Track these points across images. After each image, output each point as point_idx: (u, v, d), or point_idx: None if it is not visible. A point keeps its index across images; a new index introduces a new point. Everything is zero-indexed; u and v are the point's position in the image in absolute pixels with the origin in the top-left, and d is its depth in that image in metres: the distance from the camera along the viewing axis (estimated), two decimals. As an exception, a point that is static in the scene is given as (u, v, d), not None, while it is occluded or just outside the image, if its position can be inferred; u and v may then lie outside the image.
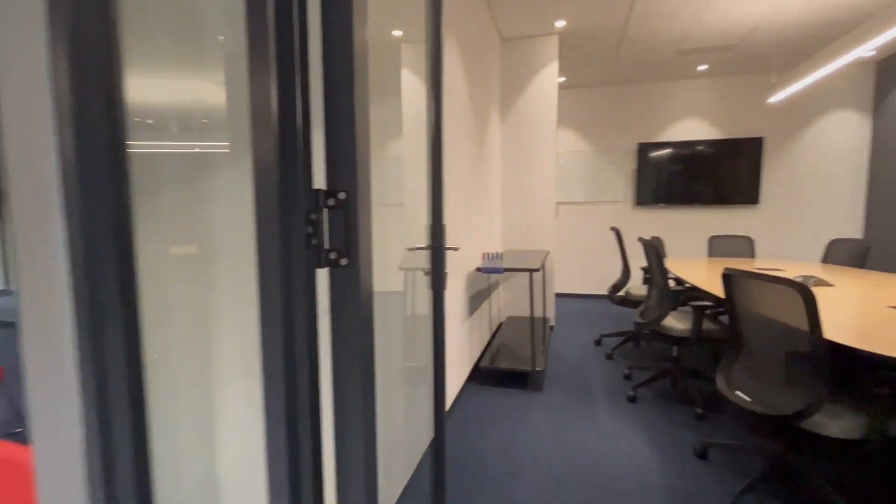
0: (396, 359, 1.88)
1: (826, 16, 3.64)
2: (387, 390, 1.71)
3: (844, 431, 1.50)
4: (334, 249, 0.52)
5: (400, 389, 1.91)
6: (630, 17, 3.65)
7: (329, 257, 0.52)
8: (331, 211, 0.51)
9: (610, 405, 2.60)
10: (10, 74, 0.52)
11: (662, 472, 1.93)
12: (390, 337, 1.77)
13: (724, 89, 5.22)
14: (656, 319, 2.58)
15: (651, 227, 5.56)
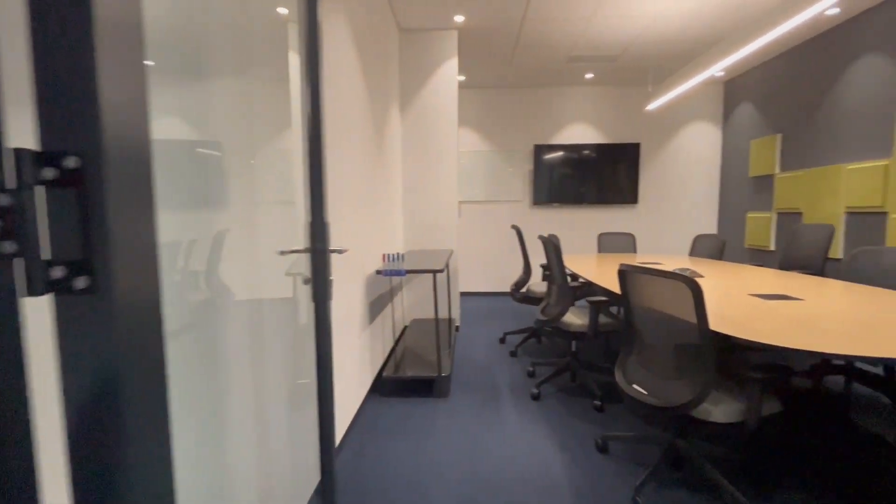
0: (283, 378, 1.59)
1: (692, 34, 4.07)
2: (267, 416, 1.42)
3: (727, 416, 1.58)
4: (62, 261, 0.29)
5: (288, 413, 1.62)
6: (525, 20, 3.71)
7: (49, 276, 0.28)
8: (51, 191, 0.28)
9: (515, 404, 2.56)
10: None
11: (567, 470, 1.91)
12: (273, 352, 1.48)
13: (608, 97, 5.65)
14: (557, 316, 2.60)
15: (547, 225, 5.82)
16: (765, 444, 2.11)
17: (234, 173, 1.26)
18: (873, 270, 2.52)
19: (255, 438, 1.35)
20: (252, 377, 1.34)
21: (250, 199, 1.41)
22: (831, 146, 3.92)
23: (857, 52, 3.66)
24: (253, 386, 1.34)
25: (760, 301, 2.02)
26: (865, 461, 1.95)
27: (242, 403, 1.28)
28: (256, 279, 1.42)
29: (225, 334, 1.20)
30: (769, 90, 4.74)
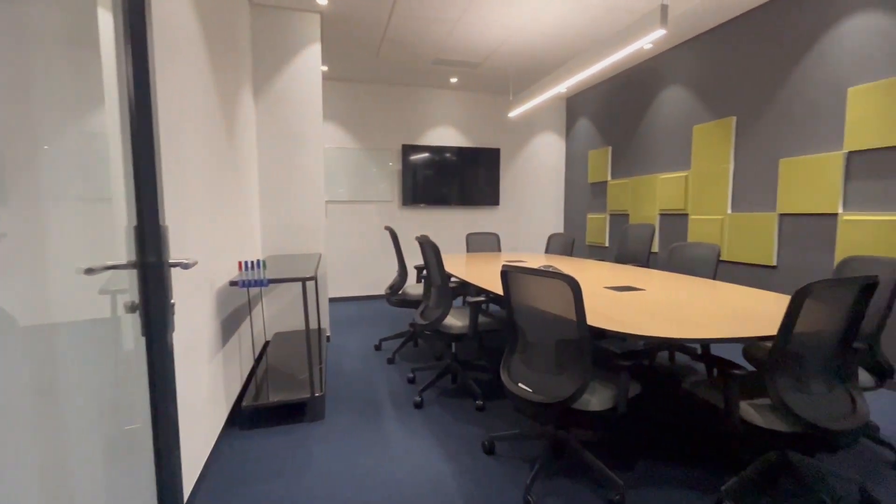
0: (98, 424, 1.16)
1: (549, 50, 4.45)
2: (72, 479, 1.01)
3: (602, 403, 1.69)
4: None
5: (107, 471, 1.20)
6: (393, 14, 3.58)
7: None
8: None
9: (398, 416, 2.42)
10: None
11: (457, 477, 1.85)
12: (82, 392, 1.06)
13: (471, 102, 5.88)
14: (438, 319, 2.54)
15: (416, 225, 5.81)
16: (625, 421, 2.36)
17: (9, 162, 0.85)
18: (686, 261, 3.04)
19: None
20: (46, 428, 0.94)
21: (36, 196, 0.98)
22: (649, 159, 4.70)
23: (666, 82, 4.45)
24: (46, 440, 0.94)
25: (615, 293, 2.25)
26: (701, 423, 2.32)
27: (26, 466, 0.88)
28: (52, 298, 1.00)
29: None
30: (601, 108, 5.50)
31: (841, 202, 2.94)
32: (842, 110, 2.94)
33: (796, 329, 1.44)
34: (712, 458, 2.00)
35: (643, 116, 4.76)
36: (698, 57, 4.05)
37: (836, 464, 1.94)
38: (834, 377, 1.59)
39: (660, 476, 1.86)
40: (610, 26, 3.83)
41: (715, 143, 3.87)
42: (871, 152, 2.79)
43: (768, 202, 3.44)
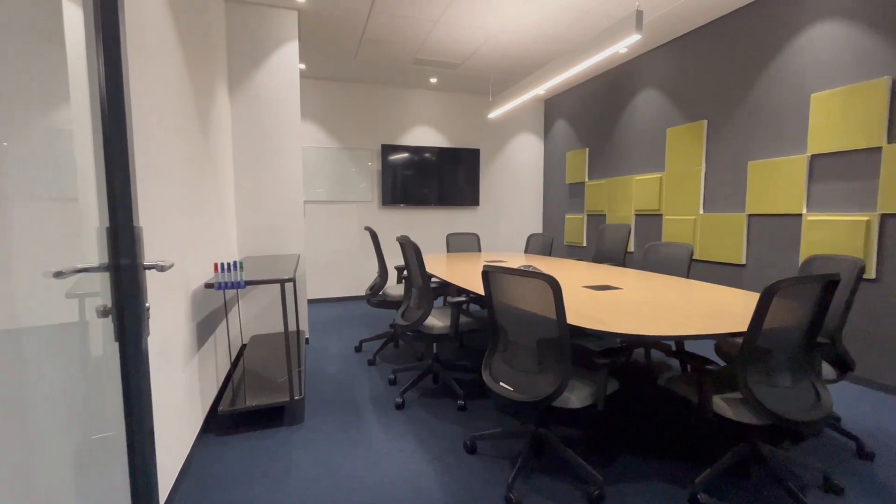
0: (65, 434, 1.12)
1: (529, 52, 4.49)
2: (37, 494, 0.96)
3: (582, 400, 1.72)
4: None
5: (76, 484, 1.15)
6: (372, 11, 3.56)
7: None
8: None
9: (379, 418, 2.41)
10: None
11: (439, 478, 1.85)
12: (47, 399, 1.02)
13: (451, 103, 5.89)
14: (419, 319, 2.54)
15: (396, 226, 5.78)
16: (606, 419, 2.41)
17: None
18: (660, 260, 3.12)
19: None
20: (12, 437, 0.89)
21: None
22: (625, 160, 4.81)
23: (641, 86, 4.55)
24: (12, 450, 0.89)
25: (593, 292, 2.29)
26: (676, 418, 2.39)
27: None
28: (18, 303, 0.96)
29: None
30: (578, 110, 5.59)
31: (805, 203, 3.07)
32: (805, 115, 3.07)
33: (765, 325, 1.50)
34: (687, 451, 2.06)
35: (619, 118, 4.86)
36: (671, 61, 4.17)
37: (802, 454, 2.02)
38: (799, 371, 1.66)
39: (637, 470, 1.91)
40: (588, 30, 3.90)
41: (687, 145, 3.99)
42: (833, 156, 2.93)
43: (738, 203, 3.57)
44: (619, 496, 1.74)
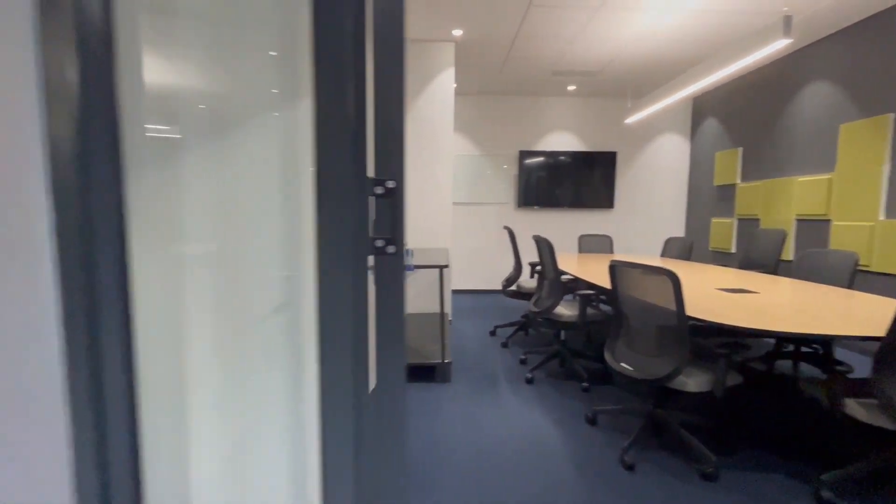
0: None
1: (668, 55, 4.48)
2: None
3: (699, 386, 1.91)
4: (380, 237, 0.53)
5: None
6: (517, 36, 4.02)
7: (375, 245, 0.52)
8: (378, 199, 0.52)
9: (511, 388, 2.85)
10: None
11: (561, 439, 2.20)
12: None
13: (588, 108, 6.04)
14: (549, 308, 2.90)
15: (531, 226, 6.16)
16: (729, 411, 2.47)
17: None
18: (818, 269, 2.94)
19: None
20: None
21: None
22: (785, 160, 4.41)
23: (807, 78, 4.15)
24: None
25: (724, 294, 2.38)
26: (806, 422, 2.33)
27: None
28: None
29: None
30: (731, 108, 5.24)
31: None
32: None
33: (901, 329, 1.52)
34: (814, 451, 2.05)
35: (780, 115, 4.47)
36: (847, 50, 3.73)
37: (974, 483, 1.85)
38: (954, 383, 1.60)
39: (756, 460, 2.00)
40: (738, 29, 3.75)
41: (866, 142, 3.55)
42: None
43: (931, 208, 3.10)
44: (734, 481, 1.88)
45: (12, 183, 0.42)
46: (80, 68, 0.42)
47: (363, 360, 0.51)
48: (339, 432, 0.51)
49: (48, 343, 0.44)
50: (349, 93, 0.47)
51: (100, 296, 0.46)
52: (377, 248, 0.53)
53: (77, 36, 0.43)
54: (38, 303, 0.44)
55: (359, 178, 0.47)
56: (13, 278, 0.44)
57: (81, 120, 0.43)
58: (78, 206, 0.43)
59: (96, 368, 0.45)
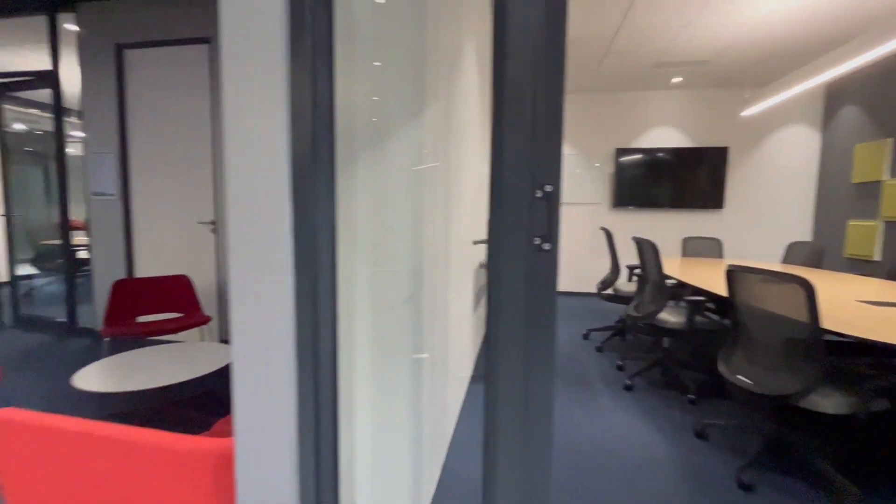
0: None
1: (798, 38, 4.01)
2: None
3: (836, 408, 1.71)
4: (536, 235, 0.59)
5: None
6: (620, 30, 3.86)
7: (533, 242, 0.59)
8: (536, 202, 0.58)
9: (609, 393, 2.77)
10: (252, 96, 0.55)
11: (667, 449, 2.10)
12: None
13: (695, 101, 5.59)
14: (653, 313, 2.77)
15: (628, 227, 5.87)
16: (871, 439, 2.17)
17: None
18: None
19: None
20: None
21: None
22: (952, 152, 3.70)
23: None
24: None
25: (868, 306, 2.09)
26: (982, 470, 1.96)
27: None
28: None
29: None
30: (878, 93, 4.51)
31: None
32: None
33: None
34: None
35: (947, 99, 3.76)
36: None
37: None
38: None
39: (913, 502, 1.73)
40: (882, 5, 3.23)
41: None
42: None
43: None
44: (881, 517, 1.66)
45: (270, 189, 0.55)
46: (313, 100, 0.54)
47: (544, 355, 0.57)
48: (510, 426, 0.57)
49: (286, 308, 0.58)
50: (528, 105, 0.54)
51: (318, 278, 0.58)
52: (534, 246, 0.59)
53: (311, 79, 0.55)
54: (282, 279, 0.58)
55: (531, 184, 0.54)
56: (272, 259, 0.57)
57: (312, 140, 0.55)
58: (307, 210, 0.55)
59: (314, 333, 0.58)
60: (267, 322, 0.57)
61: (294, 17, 0.53)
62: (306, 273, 0.55)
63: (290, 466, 0.59)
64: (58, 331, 3.83)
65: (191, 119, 3.46)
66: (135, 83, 3.51)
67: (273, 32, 0.52)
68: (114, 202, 3.60)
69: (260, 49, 0.54)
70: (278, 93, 0.53)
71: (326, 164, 0.57)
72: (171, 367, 2.11)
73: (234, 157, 0.57)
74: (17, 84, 3.81)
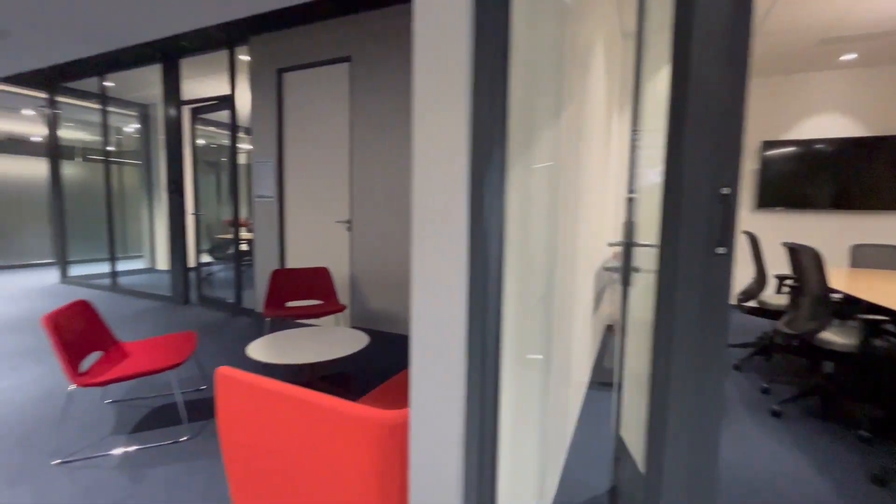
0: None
1: None
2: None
3: None
4: (714, 239, 0.58)
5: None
6: (774, 7, 3.39)
7: (711, 247, 0.58)
8: (714, 205, 0.58)
9: (753, 419, 2.46)
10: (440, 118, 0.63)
11: (832, 492, 1.81)
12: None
13: (872, 81, 4.65)
14: (812, 331, 2.39)
15: (774, 232, 5.12)
16: None
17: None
18: None
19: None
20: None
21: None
22: None
23: None
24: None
25: None
26: None
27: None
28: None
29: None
30: None
31: None
32: None
33: None
34: None
35: None
36: None
37: None
38: None
39: None
40: None
41: None
42: None
43: None
44: None
45: (453, 195, 0.64)
46: (490, 108, 0.61)
47: (715, 363, 0.57)
48: (680, 433, 0.58)
49: (460, 299, 0.66)
50: (712, 100, 0.54)
51: (488, 277, 0.64)
52: (712, 251, 0.58)
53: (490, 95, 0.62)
54: (457, 272, 0.66)
55: (711, 186, 0.53)
56: (450, 256, 0.65)
57: (489, 145, 0.62)
58: (482, 211, 0.62)
59: (483, 327, 0.64)
60: (441, 313, 0.65)
61: (478, 27, 0.59)
62: (478, 270, 0.62)
63: (456, 443, 0.66)
64: (228, 309, 4.63)
65: (332, 129, 3.91)
66: (290, 100, 4.08)
67: (459, 38, 0.59)
68: (271, 203, 4.23)
69: (446, 58, 0.61)
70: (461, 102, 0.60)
71: (498, 165, 0.63)
72: (317, 346, 2.43)
73: (420, 159, 0.66)
74: (205, 107, 4.68)
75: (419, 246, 0.67)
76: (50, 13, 3.54)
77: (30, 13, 3.54)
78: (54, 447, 2.05)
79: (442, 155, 0.62)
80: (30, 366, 3.07)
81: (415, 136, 0.65)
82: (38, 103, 6.56)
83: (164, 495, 1.74)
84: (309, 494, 1.04)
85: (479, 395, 0.64)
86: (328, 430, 0.95)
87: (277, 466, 1.07)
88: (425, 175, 0.65)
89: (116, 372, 2.02)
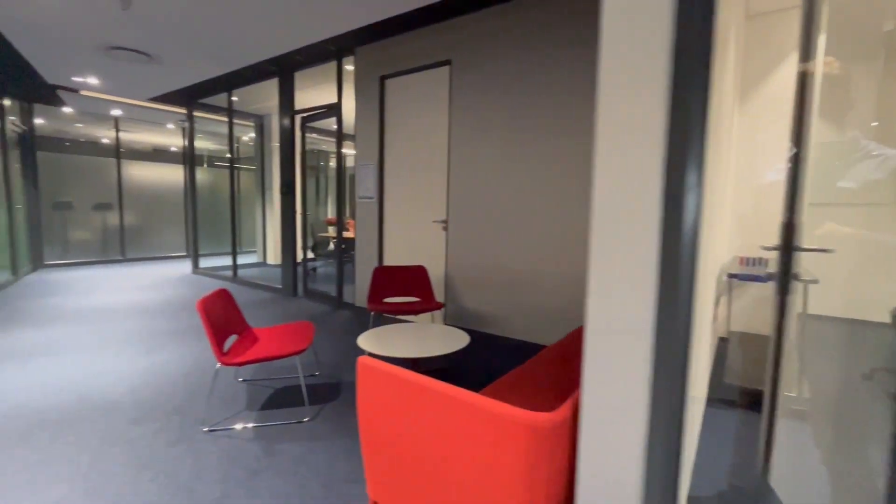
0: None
1: None
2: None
3: None
4: None
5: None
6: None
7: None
8: None
9: (919, 457, 2.08)
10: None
11: None
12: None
13: None
14: None
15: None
16: None
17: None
18: None
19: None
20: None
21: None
22: None
23: None
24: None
25: None
26: None
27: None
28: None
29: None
30: None
31: None
32: None
33: None
34: None
35: None
36: None
37: None
38: None
39: None
40: None
41: None
42: None
43: None
44: None
45: (647, 195, 0.62)
46: (689, 113, 0.58)
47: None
48: None
49: (648, 302, 0.63)
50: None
51: (679, 277, 0.61)
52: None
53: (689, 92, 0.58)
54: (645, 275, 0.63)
55: None
56: (634, 254, 0.63)
57: (683, 148, 0.58)
58: (679, 211, 0.59)
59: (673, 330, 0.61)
60: (623, 313, 0.63)
61: (680, 25, 0.56)
62: (670, 271, 0.59)
63: (636, 454, 0.63)
64: (331, 302, 4.98)
65: (431, 131, 4.03)
66: (391, 105, 4.28)
67: (658, 41, 0.57)
68: (372, 203, 4.47)
69: (642, 39, 0.58)
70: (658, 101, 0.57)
71: (696, 160, 0.59)
72: (421, 342, 2.51)
73: (604, 148, 0.64)
74: (315, 116, 5.09)
75: (599, 243, 0.65)
76: (191, 40, 4.09)
77: (176, 41, 4.12)
78: (203, 416, 2.35)
79: (633, 145, 0.60)
80: (175, 345, 3.56)
81: (598, 125, 0.64)
82: (179, 118, 7.63)
83: (291, 468, 1.91)
84: (449, 488, 1.06)
85: (666, 406, 0.61)
86: (473, 427, 0.97)
87: (418, 457, 1.12)
88: (608, 167, 0.63)
89: (252, 354, 2.26)
